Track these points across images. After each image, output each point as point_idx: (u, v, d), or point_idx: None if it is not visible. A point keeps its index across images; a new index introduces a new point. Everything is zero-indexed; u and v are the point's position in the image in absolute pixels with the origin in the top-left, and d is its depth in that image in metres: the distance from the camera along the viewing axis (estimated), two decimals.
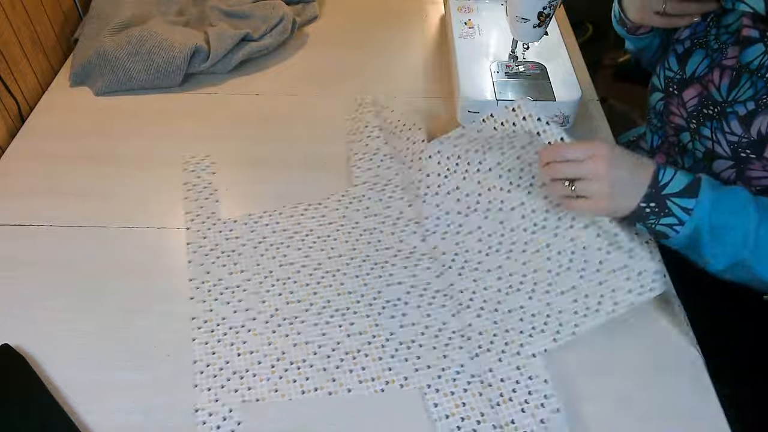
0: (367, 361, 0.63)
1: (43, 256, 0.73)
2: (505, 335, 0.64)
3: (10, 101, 0.90)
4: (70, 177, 0.83)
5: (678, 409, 0.60)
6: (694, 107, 0.73)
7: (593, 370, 0.63)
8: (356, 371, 0.62)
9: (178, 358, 0.63)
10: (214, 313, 0.67)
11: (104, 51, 0.95)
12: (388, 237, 0.74)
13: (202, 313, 0.67)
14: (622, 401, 0.60)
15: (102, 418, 0.59)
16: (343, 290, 0.69)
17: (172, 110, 0.94)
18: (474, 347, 0.64)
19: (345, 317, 0.66)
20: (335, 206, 0.78)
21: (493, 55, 0.93)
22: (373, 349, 0.64)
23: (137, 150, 0.87)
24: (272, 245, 0.73)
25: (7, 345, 0.63)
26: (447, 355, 0.63)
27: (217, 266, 0.71)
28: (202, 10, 1.10)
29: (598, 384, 0.62)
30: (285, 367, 0.62)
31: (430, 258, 0.71)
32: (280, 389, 0.61)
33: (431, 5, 1.20)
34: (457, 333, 0.65)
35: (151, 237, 0.76)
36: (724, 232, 0.60)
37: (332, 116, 0.93)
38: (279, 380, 0.61)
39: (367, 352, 0.63)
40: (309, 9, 1.15)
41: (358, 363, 0.63)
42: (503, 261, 0.69)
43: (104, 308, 0.68)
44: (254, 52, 1.01)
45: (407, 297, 0.68)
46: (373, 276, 0.70)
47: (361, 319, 0.66)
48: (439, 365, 0.62)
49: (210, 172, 0.82)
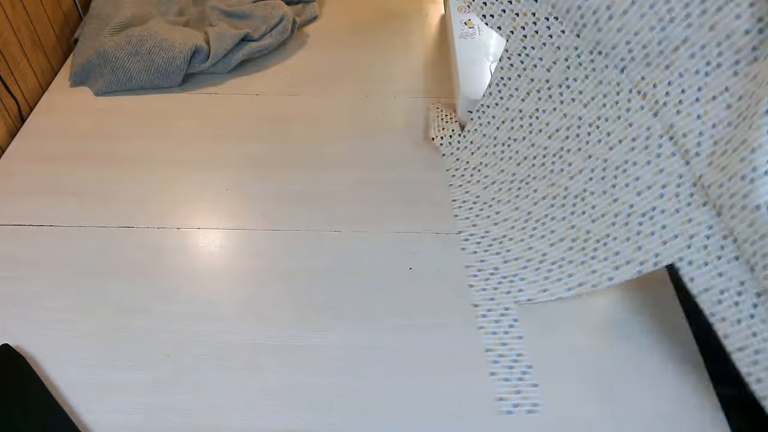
0: (616, 244, 0.63)
1: (43, 256, 0.73)
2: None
3: (10, 101, 0.90)
4: (70, 177, 0.83)
5: (677, 407, 0.60)
6: None
7: (595, 371, 0.63)
8: (610, 258, 0.63)
9: (178, 358, 0.63)
10: (477, 227, 0.72)
11: (104, 51, 0.95)
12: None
13: (466, 228, 0.74)
14: (622, 401, 0.61)
15: (102, 418, 0.59)
16: (574, 171, 0.68)
17: (172, 110, 0.94)
18: (713, 201, 0.56)
19: (585, 201, 0.66)
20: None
21: (493, 55, 0.93)
22: (619, 230, 0.63)
23: (137, 150, 0.87)
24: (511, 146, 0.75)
25: (7, 345, 0.63)
26: (692, 218, 0.56)
27: (472, 184, 0.77)
28: (202, 10, 1.10)
29: (600, 384, 0.62)
30: (548, 268, 0.66)
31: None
32: (548, 289, 0.66)
33: (431, 5, 1.20)
34: (696, 187, 0.57)
35: (151, 237, 0.76)
36: None
37: (332, 116, 0.93)
38: (545, 281, 0.66)
39: (615, 235, 0.63)
40: (309, 9, 1.15)
41: (609, 249, 0.63)
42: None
43: (104, 308, 0.68)
44: (254, 52, 1.01)
45: (635, 157, 0.62)
46: (593, 143, 0.66)
47: (599, 198, 0.65)
48: (685, 232, 0.57)
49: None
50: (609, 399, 0.61)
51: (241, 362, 0.63)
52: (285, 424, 0.59)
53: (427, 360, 0.63)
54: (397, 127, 0.91)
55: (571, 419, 0.59)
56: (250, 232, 0.76)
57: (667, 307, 0.68)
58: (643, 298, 0.69)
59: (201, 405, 0.60)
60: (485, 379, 0.62)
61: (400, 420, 0.59)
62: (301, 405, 0.60)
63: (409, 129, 0.91)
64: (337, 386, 0.61)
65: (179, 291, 0.69)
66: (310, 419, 0.59)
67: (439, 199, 0.80)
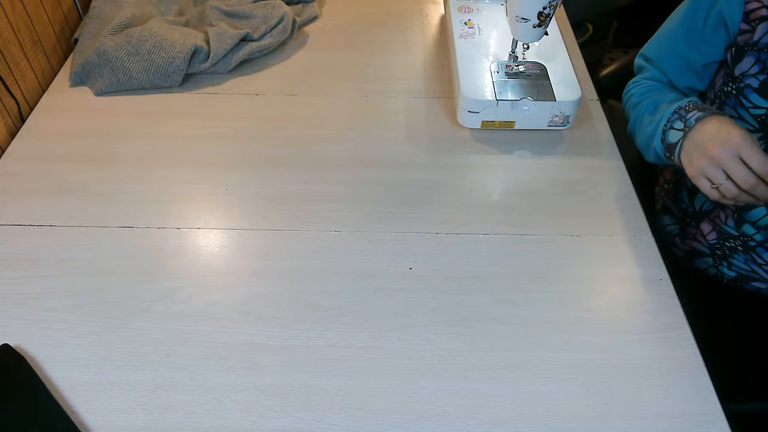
0: None
1: (43, 256, 0.73)
2: None
3: (10, 101, 0.90)
4: (70, 177, 0.83)
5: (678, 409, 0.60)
6: None
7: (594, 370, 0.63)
8: None
9: (178, 358, 0.63)
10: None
11: (104, 51, 0.95)
12: None
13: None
14: (623, 401, 0.60)
15: (102, 418, 0.59)
16: None
17: (172, 110, 0.94)
18: None
19: None
20: None
21: (493, 55, 0.93)
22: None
23: (137, 150, 0.87)
24: None
25: (7, 345, 0.63)
26: None
27: None
28: (202, 10, 1.10)
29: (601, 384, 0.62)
30: None
31: None
32: None
33: (431, 5, 1.20)
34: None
35: (151, 237, 0.76)
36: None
37: (332, 116, 0.93)
38: None
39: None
40: (309, 9, 1.15)
41: None
42: None
43: (104, 308, 0.68)
44: (254, 52, 1.01)
45: None
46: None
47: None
48: None
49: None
50: (610, 399, 0.61)
51: (241, 362, 0.63)
52: (285, 424, 0.59)
53: (427, 360, 0.63)
54: (397, 127, 0.91)
55: (571, 419, 0.59)
56: (250, 232, 0.76)
57: (668, 307, 0.68)
58: (644, 298, 0.69)
59: (201, 405, 0.60)
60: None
61: (400, 420, 0.59)
62: (301, 405, 0.60)
63: (409, 129, 0.91)
64: (337, 386, 0.61)
65: (179, 291, 0.69)
66: (310, 419, 0.59)
67: (440, 200, 0.80)
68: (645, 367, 0.63)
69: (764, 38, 0.69)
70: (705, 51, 0.77)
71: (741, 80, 0.71)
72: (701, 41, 0.77)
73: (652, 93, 0.82)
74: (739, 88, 0.72)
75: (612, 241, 0.75)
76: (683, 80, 0.82)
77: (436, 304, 0.68)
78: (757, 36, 0.69)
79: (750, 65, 0.70)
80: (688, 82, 0.82)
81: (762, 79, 0.69)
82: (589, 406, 0.60)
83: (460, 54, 0.93)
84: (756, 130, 0.72)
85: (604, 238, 0.75)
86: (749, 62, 0.70)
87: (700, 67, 0.79)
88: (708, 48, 0.77)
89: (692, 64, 0.79)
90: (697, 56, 0.78)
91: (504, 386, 0.61)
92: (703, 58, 0.78)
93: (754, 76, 0.70)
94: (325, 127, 0.91)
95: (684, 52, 0.79)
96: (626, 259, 0.73)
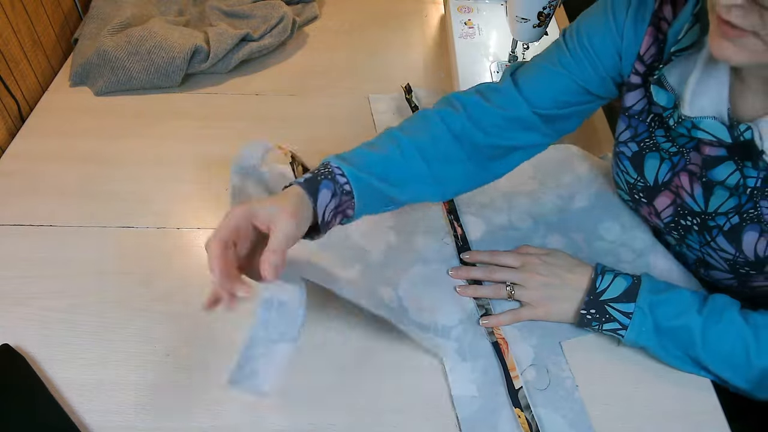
0: None
1: (43, 256, 0.73)
2: None
3: (10, 101, 0.90)
4: (70, 177, 0.83)
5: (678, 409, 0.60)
6: (671, 218, 0.65)
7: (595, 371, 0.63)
8: None
9: (178, 358, 0.63)
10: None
11: (104, 51, 0.95)
12: None
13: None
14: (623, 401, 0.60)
15: (102, 418, 0.59)
16: None
17: (172, 110, 0.94)
18: None
19: None
20: None
21: (493, 55, 0.93)
22: None
23: (137, 150, 0.87)
24: None
25: (7, 345, 0.63)
26: None
27: None
28: (202, 10, 1.10)
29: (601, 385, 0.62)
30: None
31: None
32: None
33: (431, 5, 1.20)
34: None
35: (151, 237, 0.76)
36: (673, 334, 0.59)
37: (332, 116, 0.93)
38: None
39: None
40: (309, 9, 1.15)
41: None
42: None
43: (104, 308, 0.68)
44: (254, 52, 1.01)
45: None
46: None
47: None
48: None
49: None
50: (610, 399, 0.61)
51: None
52: (285, 424, 0.59)
53: (427, 360, 0.63)
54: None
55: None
56: None
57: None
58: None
59: (201, 405, 0.60)
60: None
61: (400, 420, 0.59)
62: (301, 405, 0.60)
63: None
64: (337, 386, 0.61)
65: (179, 291, 0.69)
66: (310, 419, 0.59)
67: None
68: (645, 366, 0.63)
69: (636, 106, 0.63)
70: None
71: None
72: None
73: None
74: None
75: None
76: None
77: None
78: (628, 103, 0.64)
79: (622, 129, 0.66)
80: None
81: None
82: (590, 406, 0.60)
83: (460, 54, 0.93)
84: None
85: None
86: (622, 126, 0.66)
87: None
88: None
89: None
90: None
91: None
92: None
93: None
94: (324, 127, 0.91)
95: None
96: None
